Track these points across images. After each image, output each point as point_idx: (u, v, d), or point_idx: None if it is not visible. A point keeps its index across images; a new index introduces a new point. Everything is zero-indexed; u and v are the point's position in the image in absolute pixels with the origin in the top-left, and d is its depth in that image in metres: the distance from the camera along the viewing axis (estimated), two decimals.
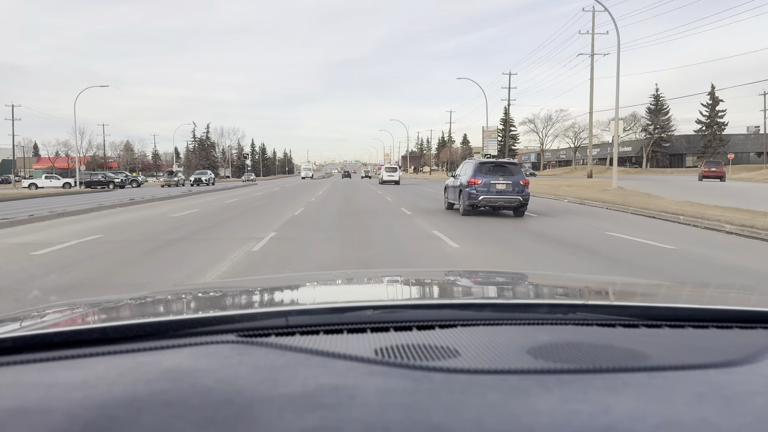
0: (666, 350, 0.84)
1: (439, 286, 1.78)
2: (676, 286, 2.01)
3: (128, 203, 21.22)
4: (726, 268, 7.38)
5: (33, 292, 5.84)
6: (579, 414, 0.60)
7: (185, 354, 0.78)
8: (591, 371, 0.72)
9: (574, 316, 1.03)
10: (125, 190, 41.50)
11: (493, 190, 14.45)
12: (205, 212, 16.94)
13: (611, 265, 7.54)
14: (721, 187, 31.46)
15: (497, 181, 14.53)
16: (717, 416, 0.60)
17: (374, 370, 0.72)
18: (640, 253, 8.52)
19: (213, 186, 50.97)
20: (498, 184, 14.50)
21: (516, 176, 14.74)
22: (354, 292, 1.66)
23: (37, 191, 41.08)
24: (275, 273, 6.63)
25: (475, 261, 8.02)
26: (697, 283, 6.19)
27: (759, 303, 1.34)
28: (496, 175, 14.66)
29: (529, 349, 0.82)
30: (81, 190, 42.59)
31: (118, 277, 6.69)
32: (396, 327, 0.94)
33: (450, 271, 2.99)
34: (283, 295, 1.54)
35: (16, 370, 0.75)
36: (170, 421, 0.58)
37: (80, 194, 34.76)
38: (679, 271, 7.08)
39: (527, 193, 14.71)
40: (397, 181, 46.50)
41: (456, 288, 1.73)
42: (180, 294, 1.53)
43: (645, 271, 6.98)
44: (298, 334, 0.90)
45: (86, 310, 1.27)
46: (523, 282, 1.87)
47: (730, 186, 32.72)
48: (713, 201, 17.68)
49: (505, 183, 14.52)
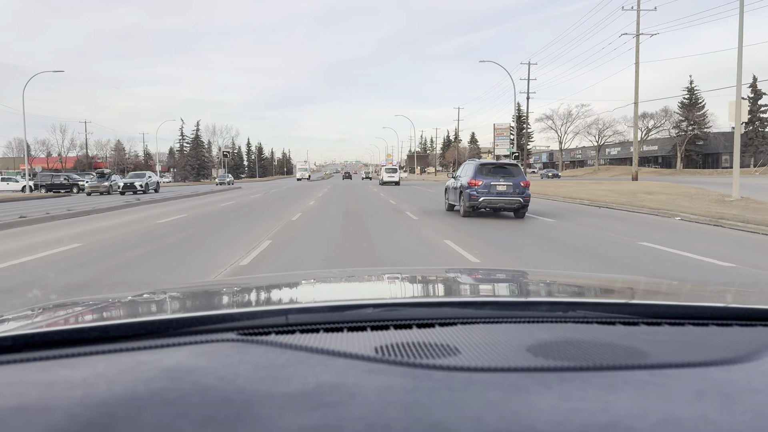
0: (666, 348, 0.84)
1: (439, 284, 1.76)
2: (676, 284, 1.88)
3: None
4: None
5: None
6: (579, 411, 0.60)
7: (185, 352, 0.78)
8: (591, 369, 0.72)
9: (574, 314, 1.03)
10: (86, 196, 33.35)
11: (493, 191, 14.48)
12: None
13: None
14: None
15: (498, 183, 14.54)
16: (717, 414, 0.60)
17: (374, 368, 0.72)
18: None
19: (155, 194, 33.96)
20: (498, 186, 14.52)
21: (517, 177, 14.72)
22: (354, 290, 1.65)
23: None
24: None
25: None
26: (697, 281, 6.06)
27: (759, 301, 1.35)
28: (496, 176, 14.65)
29: (530, 347, 0.82)
30: (42, 195, 36.35)
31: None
32: (396, 325, 0.94)
33: (450, 269, 2.88)
34: (283, 293, 1.53)
35: (16, 369, 0.75)
36: (170, 420, 0.58)
37: (28, 200, 28.30)
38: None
39: (528, 194, 14.70)
40: (397, 182, 46.95)
41: (456, 286, 1.73)
42: (180, 292, 1.52)
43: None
44: (298, 333, 0.90)
45: (86, 309, 1.25)
46: (523, 280, 1.87)
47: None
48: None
49: (505, 184, 14.53)
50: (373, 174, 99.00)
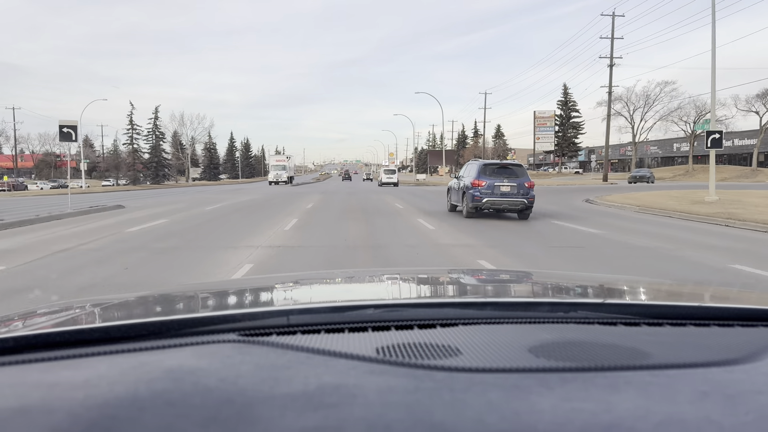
0: (668, 348, 0.84)
1: (440, 285, 1.77)
2: (677, 284, 2.00)
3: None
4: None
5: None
6: (581, 412, 0.60)
7: (187, 353, 0.78)
8: (593, 369, 0.72)
9: (576, 314, 1.03)
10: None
11: (497, 192, 14.31)
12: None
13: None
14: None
15: (501, 183, 14.35)
16: (719, 414, 0.60)
17: (376, 369, 0.72)
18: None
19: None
20: (502, 186, 14.33)
21: (521, 178, 14.52)
22: (355, 290, 1.66)
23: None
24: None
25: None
26: (698, 282, 5.97)
27: (760, 301, 1.35)
28: (500, 177, 14.47)
29: (531, 347, 0.82)
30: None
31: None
32: (397, 326, 0.94)
33: (451, 270, 2.92)
34: (284, 294, 1.53)
35: (18, 370, 0.75)
36: (172, 421, 0.58)
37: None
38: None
39: (532, 195, 14.46)
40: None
41: (457, 286, 1.73)
42: (182, 293, 1.52)
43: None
44: (299, 333, 0.90)
45: (88, 310, 1.26)
46: (525, 280, 1.88)
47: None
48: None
49: (509, 185, 14.33)
50: (374, 175, 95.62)
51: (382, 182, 48.26)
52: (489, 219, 14.65)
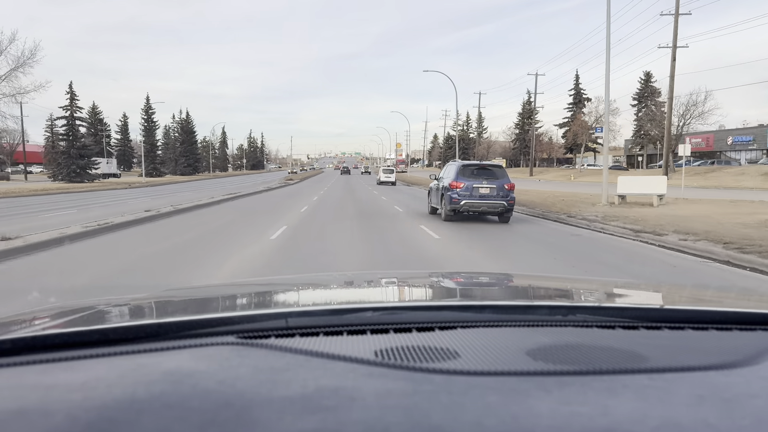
0: (665, 352, 0.84)
1: (438, 288, 1.75)
2: (675, 288, 1.95)
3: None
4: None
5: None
6: (579, 416, 0.60)
7: (185, 355, 0.78)
8: (590, 373, 0.72)
9: (574, 317, 1.03)
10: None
11: (476, 194, 13.84)
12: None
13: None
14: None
15: (480, 185, 13.88)
16: (716, 418, 0.60)
17: (374, 371, 0.72)
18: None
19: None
20: (481, 188, 13.88)
21: (500, 180, 14.09)
22: (354, 293, 1.65)
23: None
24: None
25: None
26: (696, 285, 5.63)
27: (758, 305, 1.37)
28: (479, 178, 14.03)
29: (529, 350, 0.82)
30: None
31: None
32: (396, 329, 0.93)
33: (450, 273, 2.94)
34: (282, 296, 1.53)
35: (16, 372, 0.75)
36: (170, 423, 0.58)
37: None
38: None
39: (512, 197, 14.04)
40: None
41: (456, 289, 1.72)
42: (180, 295, 1.52)
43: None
44: (297, 336, 0.90)
45: (86, 312, 1.24)
46: (523, 284, 1.87)
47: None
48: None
49: (489, 187, 13.90)
50: (373, 170, 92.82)
51: (380, 181, 49.75)
52: (469, 222, 13.99)
